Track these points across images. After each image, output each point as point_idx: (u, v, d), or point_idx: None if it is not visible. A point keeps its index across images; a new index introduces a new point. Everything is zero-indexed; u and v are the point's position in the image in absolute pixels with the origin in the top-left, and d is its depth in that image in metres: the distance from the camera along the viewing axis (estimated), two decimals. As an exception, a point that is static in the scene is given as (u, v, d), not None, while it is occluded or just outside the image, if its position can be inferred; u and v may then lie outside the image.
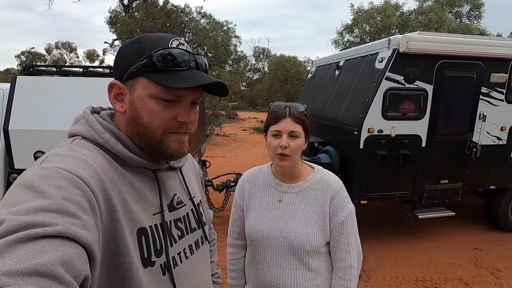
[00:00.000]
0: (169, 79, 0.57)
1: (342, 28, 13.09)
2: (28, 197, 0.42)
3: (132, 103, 0.60)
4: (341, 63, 4.15)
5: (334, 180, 1.10)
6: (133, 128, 0.62)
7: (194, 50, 0.66)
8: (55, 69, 3.28)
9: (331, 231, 1.06)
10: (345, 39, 13.19)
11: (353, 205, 1.11)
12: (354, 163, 3.18)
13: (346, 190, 1.11)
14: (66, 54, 32.39)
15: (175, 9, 10.65)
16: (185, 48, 0.61)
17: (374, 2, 12.20)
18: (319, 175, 1.11)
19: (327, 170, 1.15)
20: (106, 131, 0.60)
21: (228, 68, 13.26)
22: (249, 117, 18.68)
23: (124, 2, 11.94)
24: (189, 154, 0.86)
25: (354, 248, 1.07)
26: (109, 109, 0.70)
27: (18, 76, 3.02)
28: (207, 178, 4.10)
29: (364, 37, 12.25)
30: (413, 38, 3.02)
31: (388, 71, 3.06)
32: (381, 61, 3.16)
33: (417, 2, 12.94)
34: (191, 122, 0.63)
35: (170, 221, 0.67)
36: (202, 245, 0.77)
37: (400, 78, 3.10)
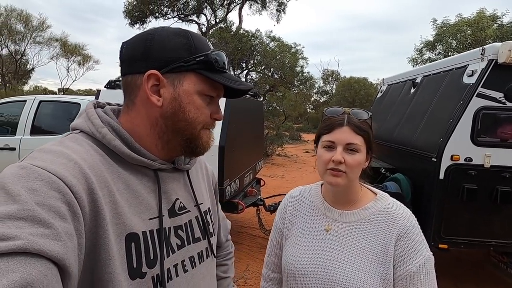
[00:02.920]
0: (225, 80, 0.60)
1: (422, 44, 11.83)
2: None
3: (177, 97, 0.58)
4: (417, 80, 3.63)
5: (403, 213, 0.84)
6: (169, 124, 0.59)
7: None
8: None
9: (395, 284, 0.79)
10: (425, 57, 11.86)
11: (431, 253, 0.81)
12: (430, 197, 2.61)
13: (420, 230, 0.83)
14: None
15: (246, 34, 11.29)
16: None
17: (463, 15, 10.69)
18: (383, 203, 0.86)
19: (395, 199, 0.89)
20: (105, 125, 0.57)
21: (294, 90, 13.24)
22: (313, 139, 18.13)
23: (203, 29, 13.22)
24: (202, 158, 0.83)
25: None
26: (118, 105, 0.67)
27: (101, 89, 3.45)
28: (259, 197, 3.97)
29: (450, 54, 10.82)
30: (518, 46, 2.41)
31: (481, 87, 2.49)
32: (471, 75, 2.61)
33: (521, 13, 10.94)
34: (221, 119, 0.66)
35: (170, 227, 0.61)
36: (207, 258, 0.69)
37: (498, 95, 2.49)
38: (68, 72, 21.73)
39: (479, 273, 3.29)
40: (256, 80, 12.73)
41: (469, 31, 9.85)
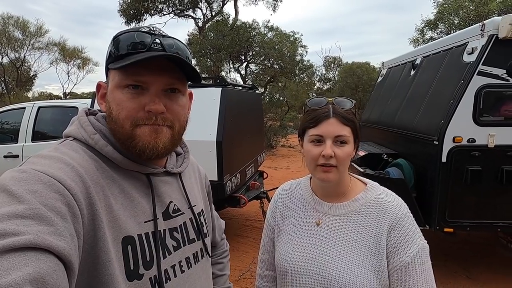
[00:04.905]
0: (123, 62, 0.54)
1: (423, 24, 11.44)
2: (3, 202, 0.40)
3: (107, 99, 0.59)
4: (417, 61, 3.52)
5: (395, 203, 0.81)
6: (110, 126, 0.59)
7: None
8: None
9: (390, 276, 0.77)
10: (427, 37, 11.47)
11: (426, 242, 0.79)
12: (434, 181, 2.56)
13: (413, 219, 0.81)
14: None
15: (243, 25, 11.12)
16: (149, 31, 0.58)
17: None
18: (373, 193, 0.84)
19: (385, 189, 0.86)
20: (97, 132, 0.58)
21: (295, 79, 13.05)
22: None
23: (199, 24, 13.07)
24: (193, 159, 0.83)
25: None
26: None
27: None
28: (262, 190, 3.95)
29: (452, 32, 10.48)
30: (520, 18, 2.31)
31: (482, 64, 2.40)
32: (471, 53, 2.52)
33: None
34: (159, 111, 0.57)
35: (165, 230, 0.62)
36: (202, 258, 0.71)
37: (500, 72, 2.40)
38: (68, 76, 21.85)
39: (489, 255, 3.24)
40: (256, 72, 12.59)
41: (471, 7, 9.46)
